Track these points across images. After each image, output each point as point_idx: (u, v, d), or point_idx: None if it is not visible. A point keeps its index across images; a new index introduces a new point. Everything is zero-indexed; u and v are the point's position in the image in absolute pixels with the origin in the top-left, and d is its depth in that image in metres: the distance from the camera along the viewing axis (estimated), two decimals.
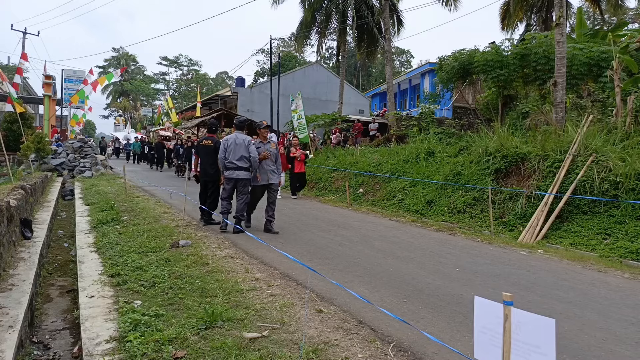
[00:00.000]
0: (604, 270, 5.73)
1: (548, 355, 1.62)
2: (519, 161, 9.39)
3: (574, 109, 12.33)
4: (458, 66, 15.72)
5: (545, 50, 13.26)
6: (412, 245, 7.03)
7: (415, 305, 4.19)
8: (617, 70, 9.86)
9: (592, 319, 3.98)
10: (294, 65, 46.39)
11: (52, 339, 4.02)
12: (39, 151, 16.43)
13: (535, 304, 4.33)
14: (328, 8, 25.89)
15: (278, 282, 4.75)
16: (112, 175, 17.79)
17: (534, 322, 1.66)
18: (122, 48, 71.15)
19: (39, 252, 5.73)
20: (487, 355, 1.81)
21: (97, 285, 4.45)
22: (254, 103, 30.62)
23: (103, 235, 6.80)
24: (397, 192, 11.78)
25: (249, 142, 7.43)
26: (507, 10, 23.81)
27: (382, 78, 50.27)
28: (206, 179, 8.31)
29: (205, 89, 66.59)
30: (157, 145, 23.96)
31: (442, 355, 3.14)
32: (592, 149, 8.27)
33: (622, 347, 3.40)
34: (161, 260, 5.32)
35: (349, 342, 3.29)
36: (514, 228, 8.34)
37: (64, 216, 10.65)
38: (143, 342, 3.12)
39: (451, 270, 5.52)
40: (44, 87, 24.47)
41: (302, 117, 17.91)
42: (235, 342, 3.16)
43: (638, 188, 7.31)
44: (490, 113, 17.24)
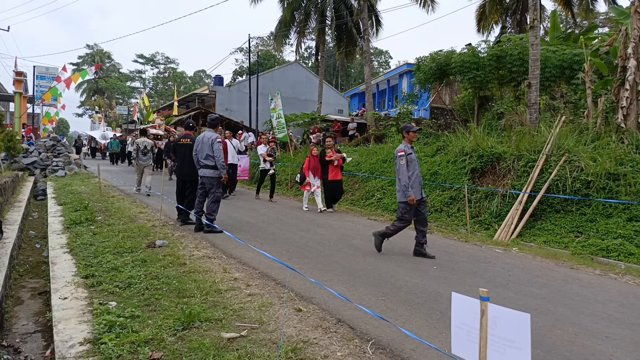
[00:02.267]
0: (576, 267, 5.89)
1: (523, 349, 1.65)
2: (495, 161, 9.56)
3: (548, 110, 12.63)
4: (435, 67, 15.93)
5: (521, 52, 13.53)
6: (390, 243, 7.07)
7: (393, 303, 4.22)
8: (589, 72, 10.14)
9: (565, 314, 4.09)
10: (273, 65, 46.22)
11: (23, 343, 3.90)
12: (9, 150, 15.91)
13: (510, 300, 4.42)
14: (307, 7, 25.86)
15: (257, 281, 4.72)
16: (86, 175, 17.40)
17: (510, 317, 1.69)
18: (97, 45, 69.71)
19: (9, 253, 5.56)
20: (465, 350, 1.84)
21: (71, 287, 4.34)
22: (233, 102, 30.37)
23: (77, 235, 6.64)
24: (376, 192, 11.85)
25: (213, 141, 7.33)
26: (483, 12, 24.22)
27: (360, 78, 50.50)
28: (184, 178, 8.21)
29: (183, 88, 65.76)
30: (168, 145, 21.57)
31: (420, 352, 3.17)
32: (565, 149, 8.49)
33: (593, 342, 3.49)
34: (137, 260, 5.23)
35: (327, 341, 3.30)
36: (490, 226, 8.49)
37: (35, 216, 10.35)
38: (118, 343, 3.06)
39: (429, 268, 5.58)
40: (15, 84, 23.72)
41: (281, 117, 17.87)
42: (213, 343, 3.12)
43: (608, 187, 7.53)
44: (466, 114, 17.51)
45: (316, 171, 10.47)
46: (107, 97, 69.42)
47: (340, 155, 10.51)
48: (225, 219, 8.50)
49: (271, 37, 46.38)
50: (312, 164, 10.51)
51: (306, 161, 10.78)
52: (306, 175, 10.52)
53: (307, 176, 10.49)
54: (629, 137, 8.47)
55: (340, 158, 10.43)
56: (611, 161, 7.74)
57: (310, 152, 10.77)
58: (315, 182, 10.51)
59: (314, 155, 10.60)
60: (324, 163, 10.42)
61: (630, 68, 8.73)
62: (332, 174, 10.43)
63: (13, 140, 15.97)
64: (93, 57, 68.74)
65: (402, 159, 6.10)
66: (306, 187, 10.52)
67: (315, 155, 10.60)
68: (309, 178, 10.47)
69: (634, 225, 6.87)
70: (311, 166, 10.51)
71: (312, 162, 10.53)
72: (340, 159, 10.42)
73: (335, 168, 10.39)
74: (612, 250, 6.59)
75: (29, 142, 20.46)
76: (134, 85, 75.32)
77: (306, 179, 10.50)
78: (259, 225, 8.28)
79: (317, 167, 10.48)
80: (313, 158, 10.57)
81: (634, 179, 7.34)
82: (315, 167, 10.48)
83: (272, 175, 12.28)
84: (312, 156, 10.58)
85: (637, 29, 8.71)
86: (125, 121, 54.13)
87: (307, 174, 10.51)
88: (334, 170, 10.43)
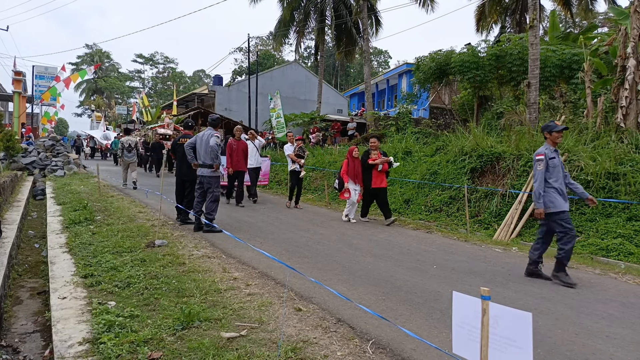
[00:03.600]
0: (576, 267, 5.88)
1: (525, 348, 1.65)
2: (494, 160, 9.56)
3: (547, 109, 12.63)
4: (435, 67, 15.93)
5: (520, 52, 13.54)
6: (390, 243, 7.07)
7: (393, 302, 4.22)
8: (588, 72, 10.14)
9: (565, 313, 4.08)
10: (272, 64, 46.20)
11: (22, 342, 3.89)
12: (8, 149, 15.91)
13: (510, 299, 4.41)
14: (306, 7, 25.85)
15: (256, 281, 4.71)
16: (85, 174, 17.38)
17: (511, 316, 1.68)
18: (96, 44, 69.61)
19: (8, 252, 5.55)
20: (466, 349, 1.83)
21: (70, 287, 4.33)
22: (232, 102, 30.34)
23: (76, 235, 6.63)
24: None
25: (209, 136, 7.29)
26: (483, 12, 24.22)
27: (360, 78, 50.51)
28: (183, 177, 8.20)
29: (182, 87, 65.70)
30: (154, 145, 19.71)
31: (420, 351, 3.17)
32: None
33: (594, 341, 3.49)
34: (136, 260, 5.22)
35: (327, 340, 3.29)
36: (489, 226, 8.48)
37: (35, 216, 10.34)
38: (117, 343, 3.05)
39: (429, 268, 5.58)
40: (14, 84, 23.70)
41: (281, 116, 17.88)
42: (213, 342, 3.11)
43: (608, 187, 7.53)
44: (466, 113, 17.52)
45: (357, 177, 8.90)
46: (106, 97, 69.36)
47: (386, 159, 8.82)
48: (224, 218, 8.49)
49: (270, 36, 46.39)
50: (351, 167, 8.94)
51: (344, 164, 9.14)
52: (345, 181, 8.90)
53: (345, 181, 8.89)
54: (629, 137, 8.47)
55: (386, 162, 8.80)
56: (611, 161, 7.74)
57: (350, 153, 9.06)
58: (356, 189, 8.95)
59: (354, 157, 8.97)
60: (367, 167, 8.82)
61: (629, 67, 8.73)
62: (376, 181, 8.74)
63: (12, 139, 15.96)
64: (92, 56, 68.66)
65: (541, 163, 5.18)
66: (345, 194, 8.90)
67: (355, 157, 8.97)
68: (348, 184, 8.88)
69: (633, 225, 6.87)
70: (350, 170, 8.92)
71: (352, 165, 8.95)
72: (386, 163, 8.80)
73: (379, 174, 8.73)
74: (612, 249, 6.58)
75: (28, 141, 20.44)
76: (133, 85, 75.27)
77: (345, 185, 8.91)
78: (259, 224, 8.27)
79: (358, 172, 8.91)
80: (353, 160, 8.96)
81: (633, 179, 7.33)
82: (356, 171, 8.91)
83: (300, 179, 10.86)
84: (352, 158, 8.96)
85: (636, 29, 8.70)
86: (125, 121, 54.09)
87: (345, 178, 8.91)
88: (379, 176, 8.75)
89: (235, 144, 10.25)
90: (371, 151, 8.96)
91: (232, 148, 10.15)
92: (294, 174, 10.68)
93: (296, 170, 10.61)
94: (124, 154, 13.52)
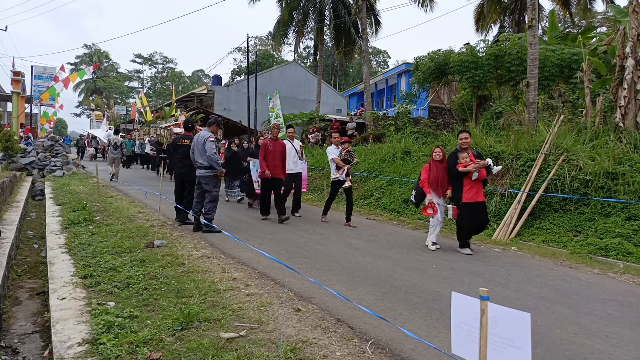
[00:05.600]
0: (575, 266, 5.90)
1: (523, 348, 1.65)
2: (493, 160, 9.56)
3: (546, 109, 12.64)
4: (434, 66, 15.94)
5: (519, 51, 13.55)
6: (389, 243, 7.08)
7: (392, 302, 4.22)
8: (587, 72, 10.15)
9: (564, 313, 4.09)
10: (272, 64, 46.18)
11: (22, 343, 3.88)
12: (7, 149, 15.90)
13: (509, 299, 4.42)
14: (305, 7, 25.85)
15: (256, 281, 4.71)
16: (84, 175, 17.36)
17: (510, 316, 1.69)
18: (95, 44, 69.60)
19: (7, 253, 5.54)
20: (465, 349, 1.83)
21: (69, 287, 4.33)
22: (231, 102, 30.35)
23: (75, 235, 6.63)
24: (375, 191, 11.86)
25: (205, 140, 7.31)
26: (482, 12, 24.25)
27: (359, 78, 50.53)
28: (182, 178, 8.20)
29: (181, 87, 65.68)
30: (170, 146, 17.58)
31: (419, 351, 3.17)
32: (563, 148, 8.50)
33: (593, 341, 3.49)
34: (135, 260, 5.22)
35: (327, 341, 3.29)
36: (489, 226, 8.49)
37: (34, 217, 10.33)
38: (117, 344, 3.05)
39: (428, 268, 5.58)
40: (13, 84, 23.69)
41: (280, 116, 17.85)
42: (212, 343, 3.12)
43: (607, 186, 7.54)
44: (465, 113, 17.53)
45: (440, 185, 6.63)
46: (105, 97, 69.31)
47: (483, 164, 6.26)
48: (224, 218, 8.49)
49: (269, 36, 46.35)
50: (433, 174, 6.64)
51: (424, 170, 6.81)
52: (426, 192, 6.65)
53: (427, 193, 6.64)
54: (627, 136, 8.48)
55: (482, 167, 6.26)
56: (609, 160, 7.75)
57: (433, 154, 6.83)
58: (440, 202, 6.71)
59: (436, 160, 6.69)
60: (455, 175, 6.44)
61: (628, 67, 8.74)
62: (470, 192, 6.31)
63: (11, 140, 15.95)
64: (91, 56, 68.63)
65: None
66: (428, 209, 6.60)
67: (438, 159, 6.67)
68: (431, 196, 6.60)
69: (632, 224, 6.88)
70: (432, 178, 6.62)
71: (435, 171, 6.65)
72: (482, 168, 6.27)
73: (474, 184, 6.31)
74: (611, 249, 6.59)
75: (26, 142, 20.42)
76: (132, 85, 75.28)
77: (427, 199, 6.64)
78: (258, 224, 8.27)
79: (441, 180, 6.62)
80: (436, 165, 6.67)
81: (632, 178, 7.35)
82: (440, 179, 6.60)
83: (347, 189, 8.72)
84: (434, 162, 6.70)
85: (635, 28, 8.72)
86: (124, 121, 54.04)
87: (427, 189, 6.65)
88: (473, 187, 6.32)
89: (271, 145, 8.54)
90: (461, 152, 6.45)
91: (267, 149, 8.49)
92: (337, 184, 8.70)
93: (340, 180, 8.57)
94: (111, 150, 16.24)
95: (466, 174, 6.32)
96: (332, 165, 8.71)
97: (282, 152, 8.63)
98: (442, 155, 6.71)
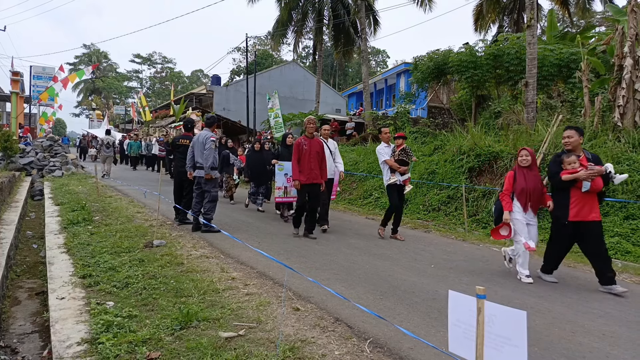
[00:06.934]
0: (573, 266, 5.91)
1: (520, 347, 1.66)
2: (492, 160, 9.58)
3: (545, 108, 12.66)
4: (433, 66, 15.96)
5: (518, 51, 13.57)
6: (388, 242, 7.08)
7: (391, 301, 4.23)
8: (586, 71, 10.17)
9: (562, 312, 4.10)
10: (271, 64, 46.17)
11: (21, 343, 3.89)
12: (6, 150, 15.89)
13: (508, 298, 4.43)
14: (304, 7, 25.85)
15: (254, 281, 4.72)
16: (83, 175, 17.35)
17: (506, 314, 1.70)
18: (94, 45, 69.61)
19: (6, 253, 5.54)
20: (462, 348, 1.84)
21: (68, 287, 4.33)
22: (230, 102, 30.35)
23: (74, 235, 6.63)
24: (374, 191, 11.87)
25: (204, 140, 7.31)
26: (480, 11, 24.27)
27: (358, 78, 50.55)
28: (182, 177, 8.20)
29: (180, 87, 65.67)
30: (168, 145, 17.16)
31: (417, 350, 3.18)
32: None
33: (591, 339, 3.50)
34: (134, 260, 5.22)
35: (325, 340, 3.30)
36: (487, 225, 8.50)
37: (33, 217, 10.33)
38: (116, 343, 3.05)
39: (426, 267, 5.59)
40: (12, 84, 23.68)
41: (279, 116, 17.86)
42: (211, 342, 3.12)
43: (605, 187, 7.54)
44: (464, 113, 17.54)
45: (530, 199, 5.09)
46: (104, 97, 69.32)
47: (599, 170, 4.77)
48: (223, 218, 8.49)
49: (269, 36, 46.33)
50: (520, 183, 5.14)
51: (508, 178, 5.31)
52: (504, 206, 5.14)
53: (506, 208, 5.12)
54: (626, 136, 8.49)
55: (598, 175, 4.77)
56: (608, 160, 7.75)
57: (517, 157, 5.36)
58: (531, 222, 5.13)
59: (523, 166, 5.21)
60: (559, 185, 4.95)
61: (626, 67, 8.75)
62: (581, 209, 4.81)
63: (10, 140, 15.93)
64: (90, 56, 68.63)
65: None
66: (501, 230, 5.20)
67: (526, 165, 5.19)
68: (516, 214, 5.12)
69: (630, 224, 6.90)
70: (518, 189, 5.13)
71: (522, 180, 5.14)
72: (598, 175, 4.77)
73: (585, 196, 4.81)
74: (609, 248, 6.55)
75: (25, 142, 20.40)
76: (131, 85, 75.26)
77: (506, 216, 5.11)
78: (257, 224, 8.28)
79: (532, 192, 5.09)
80: (523, 172, 5.18)
81: (630, 178, 7.36)
82: (530, 191, 5.08)
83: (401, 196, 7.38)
84: (521, 169, 5.22)
85: (633, 28, 8.73)
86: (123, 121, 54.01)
87: (506, 202, 5.15)
88: (585, 201, 4.82)
89: (306, 144, 7.11)
90: (566, 156, 4.99)
91: (302, 150, 7.05)
92: (393, 189, 7.26)
93: (398, 184, 7.25)
94: (103, 149, 17.78)
95: (573, 183, 4.81)
96: (383, 168, 7.39)
97: (320, 153, 7.22)
98: (531, 160, 5.17)
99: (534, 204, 5.11)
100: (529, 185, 5.09)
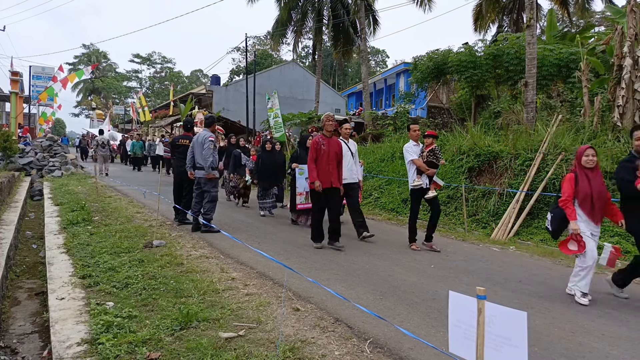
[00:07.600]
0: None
1: (520, 347, 1.66)
2: (492, 160, 9.58)
3: (544, 108, 12.66)
4: (432, 66, 15.97)
5: (517, 51, 13.58)
6: (387, 243, 7.08)
7: (391, 302, 4.23)
8: (585, 71, 10.17)
9: (562, 312, 4.10)
10: (270, 64, 46.15)
11: (21, 343, 3.89)
12: (5, 150, 15.88)
13: (508, 298, 4.43)
14: (304, 7, 25.84)
15: (254, 281, 4.72)
16: (83, 175, 17.34)
17: (507, 315, 1.70)
18: (93, 44, 69.52)
19: (6, 253, 5.54)
20: (462, 348, 1.84)
21: (68, 287, 4.33)
22: (230, 102, 30.33)
23: (73, 236, 6.63)
24: (373, 191, 11.86)
25: (203, 140, 7.31)
26: (480, 11, 24.25)
27: (358, 78, 50.54)
28: (182, 177, 8.20)
29: (180, 87, 65.60)
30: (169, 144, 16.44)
31: (417, 350, 3.18)
32: (562, 147, 8.51)
33: (590, 339, 3.51)
34: (134, 260, 5.22)
35: (325, 340, 3.30)
36: (487, 225, 8.51)
37: (32, 217, 10.32)
38: (116, 344, 3.05)
39: (426, 267, 5.59)
40: (11, 84, 23.66)
41: (279, 116, 17.81)
42: (211, 342, 3.12)
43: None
44: (463, 113, 17.55)
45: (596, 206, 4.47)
46: (103, 97, 69.28)
47: None
48: (222, 218, 8.49)
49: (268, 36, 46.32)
50: (583, 189, 4.48)
51: (567, 181, 4.62)
52: (569, 216, 4.46)
53: (571, 217, 4.44)
54: (625, 136, 8.49)
55: None
56: (607, 160, 7.76)
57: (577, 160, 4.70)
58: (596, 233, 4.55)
59: (587, 167, 4.55)
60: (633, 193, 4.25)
61: (626, 67, 8.76)
62: None
63: (9, 140, 15.92)
64: (89, 56, 68.56)
65: None
66: (570, 243, 4.51)
67: (590, 167, 4.54)
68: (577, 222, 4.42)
69: None
70: (582, 194, 4.47)
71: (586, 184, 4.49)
72: None
73: None
74: None
75: (25, 142, 20.38)
76: (130, 85, 75.17)
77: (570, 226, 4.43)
78: (257, 224, 8.28)
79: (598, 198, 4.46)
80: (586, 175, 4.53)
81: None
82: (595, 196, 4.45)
83: (432, 200, 6.61)
84: (584, 170, 4.57)
85: (632, 28, 8.73)
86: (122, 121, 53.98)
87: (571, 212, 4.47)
88: None
89: (324, 144, 6.55)
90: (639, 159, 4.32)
91: (320, 149, 6.47)
92: (418, 195, 6.66)
93: (424, 188, 6.58)
94: (99, 149, 18.08)
95: None
96: (410, 168, 6.71)
97: (339, 154, 6.61)
98: (597, 161, 4.53)
99: (598, 212, 4.46)
100: (596, 190, 4.41)
